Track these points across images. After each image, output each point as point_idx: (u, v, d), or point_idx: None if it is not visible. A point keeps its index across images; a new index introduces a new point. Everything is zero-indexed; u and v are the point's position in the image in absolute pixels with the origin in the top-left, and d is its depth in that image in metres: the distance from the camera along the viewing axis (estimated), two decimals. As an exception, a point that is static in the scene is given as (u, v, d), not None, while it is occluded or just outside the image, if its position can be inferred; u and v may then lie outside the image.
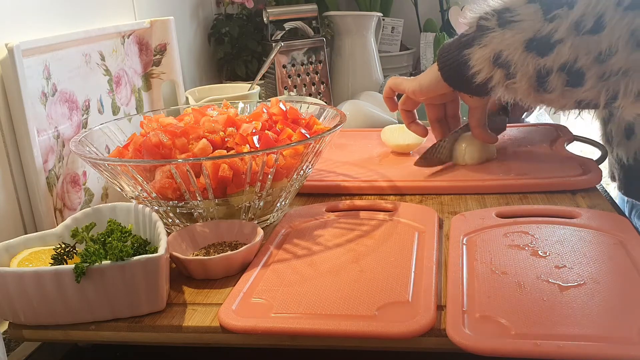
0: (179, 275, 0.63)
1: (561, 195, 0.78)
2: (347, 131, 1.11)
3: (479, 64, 0.72)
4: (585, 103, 0.67)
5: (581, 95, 0.66)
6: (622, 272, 0.56)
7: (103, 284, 0.54)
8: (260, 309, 0.54)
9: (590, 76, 0.64)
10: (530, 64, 0.67)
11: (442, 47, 0.81)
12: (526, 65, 0.67)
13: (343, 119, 0.76)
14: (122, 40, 0.93)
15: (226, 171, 0.67)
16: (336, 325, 0.51)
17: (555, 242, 0.63)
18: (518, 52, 0.67)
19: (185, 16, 1.25)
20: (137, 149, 0.71)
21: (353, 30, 1.47)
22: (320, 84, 1.36)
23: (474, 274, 0.57)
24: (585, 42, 0.62)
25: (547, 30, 0.64)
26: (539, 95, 0.69)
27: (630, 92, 0.62)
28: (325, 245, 0.66)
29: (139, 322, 0.55)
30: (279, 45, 1.19)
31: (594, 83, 0.64)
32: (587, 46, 0.62)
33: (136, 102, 0.97)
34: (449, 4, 1.60)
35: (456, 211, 0.75)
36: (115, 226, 0.59)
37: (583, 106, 0.69)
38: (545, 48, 0.65)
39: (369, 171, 0.89)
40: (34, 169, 0.71)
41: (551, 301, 0.52)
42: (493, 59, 0.70)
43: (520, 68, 0.68)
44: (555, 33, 0.64)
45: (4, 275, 0.54)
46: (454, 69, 0.78)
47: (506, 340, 0.47)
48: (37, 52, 0.73)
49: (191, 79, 1.26)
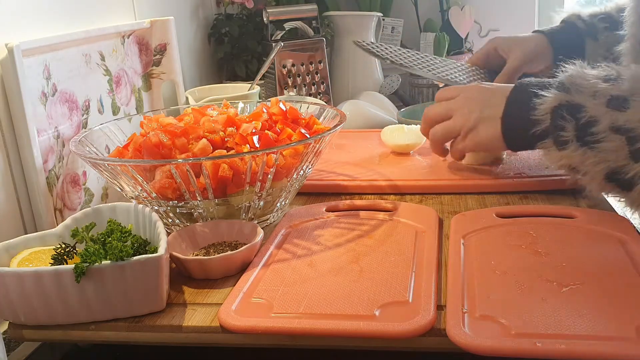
0: (179, 275, 0.63)
1: (561, 195, 0.78)
2: (347, 131, 1.11)
3: (554, 165, 0.69)
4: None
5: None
6: (622, 272, 0.56)
7: (103, 284, 0.54)
8: (260, 309, 0.54)
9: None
10: (609, 190, 0.66)
11: (508, 121, 0.74)
12: (604, 189, 0.66)
13: (343, 119, 0.76)
14: (122, 40, 0.93)
15: (226, 171, 0.67)
16: (336, 325, 0.51)
17: (555, 242, 0.63)
18: (597, 180, 0.65)
19: (185, 16, 1.25)
20: (137, 149, 0.71)
21: (353, 30, 1.47)
22: (320, 84, 1.36)
23: (474, 274, 0.57)
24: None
25: (631, 173, 0.61)
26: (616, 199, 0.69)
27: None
28: (325, 245, 0.66)
29: (138, 322, 0.55)
30: (279, 45, 1.19)
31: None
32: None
33: (136, 102, 0.97)
34: (449, 4, 1.60)
35: (456, 211, 0.75)
36: (115, 226, 0.59)
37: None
38: (627, 186, 0.63)
39: (369, 171, 0.89)
40: (34, 169, 0.71)
41: (551, 301, 0.52)
42: (569, 167, 0.68)
43: (597, 189, 0.67)
44: (639, 180, 0.61)
45: (4, 275, 0.54)
46: (523, 147, 0.75)
47: (506, 340, 0.47)
48: (37, 52, 0.73)
49: (191, 79, 1.26)
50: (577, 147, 0.65)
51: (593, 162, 0.64)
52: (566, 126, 0.66)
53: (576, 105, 0.65)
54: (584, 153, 0.64)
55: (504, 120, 0.74)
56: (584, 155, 0.65)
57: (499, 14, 1.64)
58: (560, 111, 0.66)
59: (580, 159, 0.65)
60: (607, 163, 0.63)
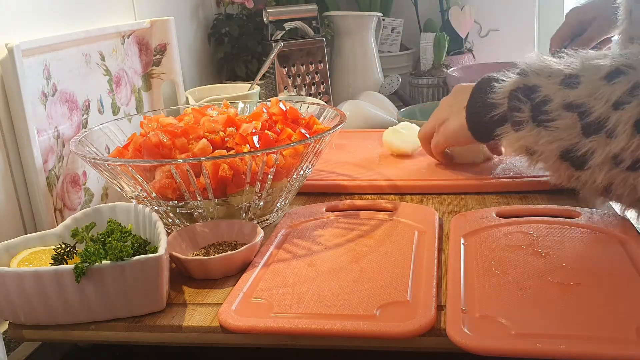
0: (179, 275, 0.63)
1: (561, 195, 0.78)
2: (347, 131, 1.11)
3: (511, 148, 0.70)
4: None
5: (617, 202, 0.66)
6: (622, 272, 0.56)
7: (103, 284, 0.54)
8: (260, 309, 0.54)
9: (626, 200, 0.64)
10: (564, 171, 0.66)
11: (471, 108, 0.77)
12: (560, 170, 0.66)
13: (343, 119, 0.76)
14: (122, 40, 0.93)
15: (226, 171, 0.67)
16: (336, 325, 0.51)
17: (555, 242, 0.63)
18: (552, 159, 0.66)
19: (185, 16, 1.25)
20: (137, 149, 0.71)
21: (353, 30, 1.47)
22: (320, 84, 1.36)
23: (474, 274, 0.57)
24: (622, 176, 0.61)
25: (584, 149, 0.62)
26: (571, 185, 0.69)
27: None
28: (325, 245, 0.66)
29: (138, 322, 0.55)
30: (279, 45, 1.19)
31: (630, 203, 0.64)
32: (623, 179, 0.61)
33: (136, 102, 0.97)
34: (449, 4, 1.60)
35: (456, 211, 0.75)
36: (115, 226, 0.59)
37: None
38: (580, 164, 0.63)
39: (369, 171, 0.89)
40: (34, 169, 0.71)
41: (551, 301, 0.52)
42: (525, 149, 0.69)
43: (553, 170, 0.67)
44: (592, 156, 0.62)
45: (4, 275, 0.54)
46: (486, 136, 0.76)
47: (506, 340, 0.47)
48: (37, 52, 0.73)
49: (191, 79, 1.26)
50: (533, 127, 0.66)
51: (547, 141, 0.65)
52: (522, 107, 0.67)
53: (532, 87, 0.67)
54: (539, 133, 0.65)
55: (467, 108, 0.78)
56: (538, 135, 0.66)
57: (499, 14, 1.64)
58: (516, 93, 0.68)
59: (535, 138, 0.66)
60: (560, 141, 0.64)
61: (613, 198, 0.66)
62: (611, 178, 0.61)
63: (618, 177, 0.61)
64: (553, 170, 0.67)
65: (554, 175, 0.68)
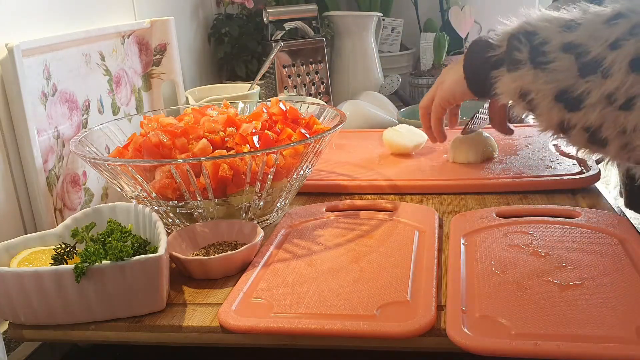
0: (179, 275, 0.63)
1: (561, 195, 0.78)
2: (347, 131, 1.11)
3: (505, 91, 0.70)
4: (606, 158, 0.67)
5: (602, 153, 0.66)
6: (622, 272, 0.56)
7: (103, 284, 0.54)
8: (260, 309, 0.54)
9: (613, 144, 0.63)
10: (555, 114, 0.65)
11: (469, 56, 0.79)
12: (552, 113, 0.66)
13: (343, 119, 0.76)
14: (122, 40, 0.93)
15: (226, 171, 0.67)
16: (336, 325, 0.51)
17: (555, 242, 0.63)
18: (547, 100, 0.65)
19: (185, 16, 1.25)
20: (137, 149, 0.71)
21: (353, 30, 1.47)
22: (320, 84, 1.36)
23: (474, 274, 0.57)
24: (614, 115, 0.61)
25: (579, 90, 0.62)
26: (558, 134, 0.69)
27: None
28: (325, 245, 0.66)
29: (138, 322, 0.55)
30: (279, 45, 1.19)
31: (616, 150, 0.63)
32: (614, 119, 0.61)
33: (136, 102, 0.97)
34: (449, 4, 1.60)
35: (456, 211, 0.75)
36: (115, 226, 0.59)
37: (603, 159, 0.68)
38: (574, 105, 0.63)
39: (369, 171, 0.89)
40: (34, 169, 0.71)
41: (551, 301, 0.52)
42: (520, 93, 0.68)
43: (545, 113, 0.67)
44: (587, 96, 0.62)
45: (4, 275, 0.54)
46: (481, 83, 0.76)
47: (506, 340, 0.47)
48: (37, 52, 0.73)
49: (191, 79, 1.26)
50: (530, 69, 0.66)
51: (544, 82, 0.65)
52: (521, 48, 0.67)
53: (532, 32, 0.67)
54: (536, 74, 0.66)
55: (465, 59, 0.79)
56: (535, 76, 0.66)
57: (499, 14, 1.64)
58: (517, 35, 0.69)
59: (532, 79, 0.66)
60: (557, 82, 0.64)
61: (598, 145, 0.65)
62: (603, 118, 0.62)
63: (610, 116, 0.61)
64: (545, 112, 0.67)
65: (544, 120, 0.68)
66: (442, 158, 0.92)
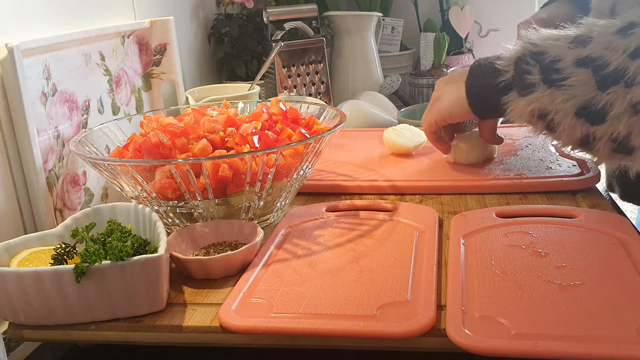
0: (179, 275, 0.63)
1: (561, 195, 0.78)
2: (347, 131, 1.11)
3: (520, 115, 0.69)
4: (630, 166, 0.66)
5: (627, 161, 0.65)
6: (622, 272, 0.56)
7: (103, 284, 0.54)
8: (260, 309, 0.54)
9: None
10: (578, 129, 0.64)
11: (471, 81, 0.76)
12: (574, 129, 0.65)
13: (343, 119, 0.76)
14: (122, 40, 0.93)
15: (226, 171, 0.67)
16: (336, 325, 0.51)
17: (555, 242, 0.63)
18: (568, 118, 0.64)
19: (185, 16, 1.25)
20: (137, 149, 0.71)
21: (353, 30, 1.47)
22: (320, 84, 1.36)
23: (474, 274, 0.57)
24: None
25: (601, 103, 0.61)
26: (580, 148, 0.67)
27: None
28: (325, 245, 0.66)
29: (138, 322, 0.55)
30: (279, 45, 1.19)
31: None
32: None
33: (136, 102, 0.97)
34: (449, 4, 1.60)
35: (456, 211, 0.75)
36: (115, 226, 0.59)
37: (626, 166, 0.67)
38: (598, 118, 0.62)
39: (369, 171, 0.89)
40: (34, 169, 0.71)
41: (551, 301, 0.52)
42: (537, 114, 0.67)
43: (567, 130, 0.65)
44: (610, 107, 0.61)
45: (4, 275, 0.54)
46: (486, 108, 0.75)
47: (506, 340, 0.47)
48: (37, 52, 0.73)
49: (191, 79, 1.26)
50: (545, 89, 0.65)
51: (563, 100, 0.64)
52: (531, 70, 0.66)
53: (540, 52, 0.66)
54: (552, 93, 0.65)
55: (467, 81, 0.77)
56: (552, 95, 0.65)
57: (499, 14, 1.64)
58: (524, 58, 0.67)
59: (549, 99, 0.65)
60: (576, 98, 0.63)
61: (623, 153, 0.64)
62: (630, 127, 0.61)
63: (637, 124, 0.60)
64: (567, 129, 0.65)
65: (566, 136, 0.66)
66: (442, 158, 0.92)
